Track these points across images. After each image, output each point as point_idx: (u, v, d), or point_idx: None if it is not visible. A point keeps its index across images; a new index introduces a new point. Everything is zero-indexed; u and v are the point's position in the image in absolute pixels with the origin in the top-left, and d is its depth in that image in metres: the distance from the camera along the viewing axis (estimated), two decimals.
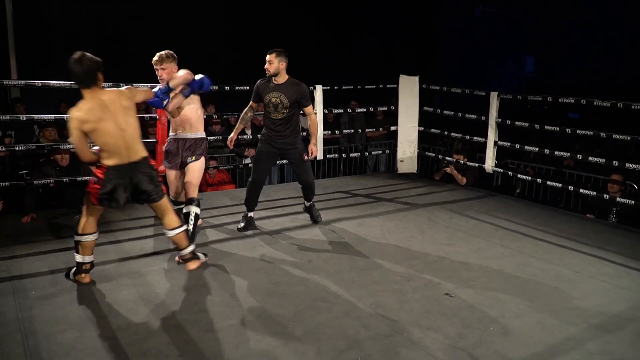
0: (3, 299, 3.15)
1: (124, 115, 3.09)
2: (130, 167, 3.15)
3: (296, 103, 4.30)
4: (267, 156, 4.46)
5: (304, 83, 4.37)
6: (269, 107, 4.32)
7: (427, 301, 3.25)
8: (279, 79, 4.28)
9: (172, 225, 3.44)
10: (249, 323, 2.95)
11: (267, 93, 4.30)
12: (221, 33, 9.53)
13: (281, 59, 4.23)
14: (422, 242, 4.33)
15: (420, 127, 6.70)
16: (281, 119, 4.31)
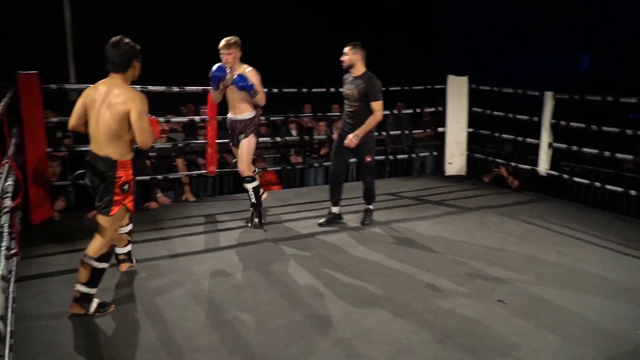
0: (65, 291, 3.27)
1: (106, 110, 2.84)
2: (94, 156, 2.92)
3: (365, 97, 4.28)
4: (342, 149, 4.48)
5: (378, 79, 4.33)
6: (346, 98, 4.42)
7: (479, 307, 3.18)
8: (355, 71, 4.35)
9: (88, 250, 2.98)
10: (298, 323, 2.97)
11: (345, 84, 4.43)
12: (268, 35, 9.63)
13: (355, 52, 4.31)
14: (472, 246, 4.25)
15: (470, 128, 6.57)
16: (352, 111, 4.37)
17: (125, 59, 2.89)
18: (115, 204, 2.92)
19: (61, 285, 3.41)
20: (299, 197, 5.74)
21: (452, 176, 6.61)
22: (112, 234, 3.00)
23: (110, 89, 2.87)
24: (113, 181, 2.90)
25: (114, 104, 2.82)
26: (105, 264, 2.99)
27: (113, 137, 2.86)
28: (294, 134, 7.05)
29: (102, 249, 2.95)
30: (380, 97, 4.32)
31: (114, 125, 2.84)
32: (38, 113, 4.43)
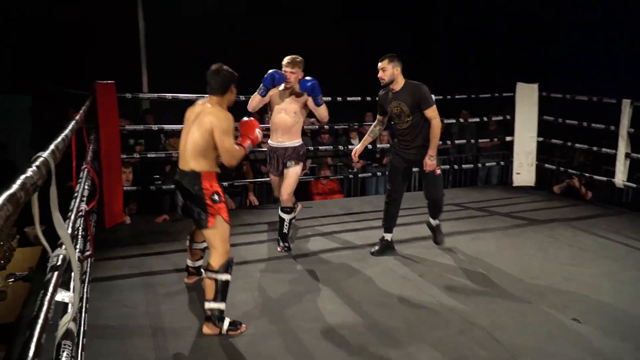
0: (135, 294, 3.42)
1: (195, 127, 2.91)
2: (181, 172, 2.99)
3: (417, 108, 3.86)
4: (399, 169, 4.10)
5: (423, 84, 3.89)
6: (393, 118, 4.03)
7: (551, 326, 3.03)
8: (396, 85, 3.90)
9: (208, 265, 2.96)
10: (361, 334, 2.93)
11: (388, 104, 3.98)
12: (334, 44, 9.68)
13: (395, 64, 3.85)
14: (543, 261, 4.06)
15: (539, 138, 6.30)
16: (407, 127, 3.95)
17: (224, 83, 2.97)
18: (210, 215, 2.90)
19: (132, 287, 3.54)
20: (361, 206, 5.71)
21: (519, 187, 6.37)
22: (222, 243, 2.95)
23: (204, 108, 2.96)
24: (201, 193, 2.90)
25: (202, 121, 2.88)
26: (227, 275, 2.94)
27: (198, 153, 2.89)
28: (355, 142, 7.02)
29: (220, 260, 2.93)
30: (432, 101, 3.88)
31: (200, 141, 2.87)
32: (114, 121, 4.66)
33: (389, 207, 4.17)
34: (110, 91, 4.61)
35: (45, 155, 1.51)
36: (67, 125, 2.29)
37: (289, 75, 3.99)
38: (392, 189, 4.14)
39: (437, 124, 3.85)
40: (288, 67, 3.99)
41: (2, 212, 0.91)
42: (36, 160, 1.42)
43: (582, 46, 9.00)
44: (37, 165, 1.36)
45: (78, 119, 2.84)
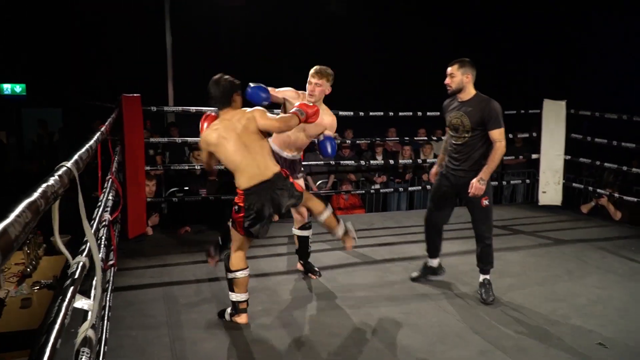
0: (155, 304, 3.44)
1: (246, 134, 2.89)
2: (266, 185, 2.90)
3: (481, 126, 3.39)
4: (443, 192, 3.65)
5: (495, 100, 3.44)
6: (450, 129, 3.56)
7: (576, 350, 2.93)
8: (464, 95, 3.46)
9: (319, 210, 3.17)
10: (380, 351, 2.89)
11: (449, 112, 3.56)
12: (360, 58, 9.73)
13: (465, 71, 3.42)
14: (569, 282, 3.95)
15: (567, 156, 6.19)
16: (461, 144, 3.48)
17: (225, 93, 2.94)
18: (297, 185, 3.09)
19: (153, 297, 3.56)
20: (383, 222, 5.67)
21: (545, 206, 6.25)
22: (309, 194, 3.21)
23: (231, 117, 2.93)
24: (289, 181, 3.02)
25: (245, 124, 2.89)
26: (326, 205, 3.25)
27: (268, 151, 2.98)
28: (379, 158, 7.01)
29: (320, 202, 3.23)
30: (502, 124, 3.39)
31: (259, 139, 2.92)
32: (139, 133, 4.74)
33: (428, 231, 3.85)
34: (136, 104, 4.70)
35: (69, 164, 1.54)
36: (92, 137, 2.33)
37: (313, 87, 3.53)
38: (431, 212, 3.77)
39: (502, 149, 3.37)
40: (314, 78, 3.53)
41: (21, 219, 0.92)
42: (59, 170, 1.45)
43: (612, 63, 8.86)
44: (60, 174, 1.39)
45: (103, 130, 2.89)
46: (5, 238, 0.81)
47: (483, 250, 3.61)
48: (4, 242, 0.79)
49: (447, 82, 3.49)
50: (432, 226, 3.80)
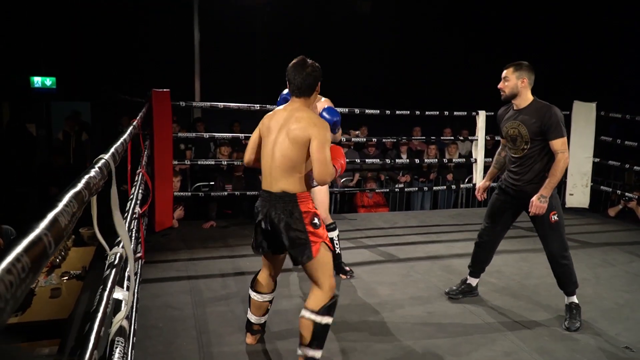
0: (182, 296, 3.50)
1: (284, 138, 2.45)
2: (268, 195, 2.48)
3: (540, 136, 3.09)
4: (501, 207, 3.40)
5: (555, 107, 3.13)
6: (507, 140, 3.29)
7: (601, 353, 2.89)
8: (520, 101, 3.18)
9: (307, 304, 2.50)
10: (404, 349, 2.89)
11: (505, 122, 3.29)
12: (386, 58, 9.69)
13: (521, 75, 3.14)
14: (595, 285, 3.90)
15: (596, 159, 6.08)
16: (521, 157, 3.20)
17: (312, 82, 2.49)
18: (313, 244, 2.42)
19: (179, 290, 3.62)
20: (406, 220, 5.65)
21: (572, 208, 6.16)
22: (329, 278, 2.49)
23: (291, 114, 2.47)
24: (300, 218, 2.42)
25: (293, 129, 2.41)
26: (329, 318, 2.47)
27: (289, 169, 2.43)
28: (404, 157, 6.98)
29: (324, 299, 2.46)
30: (564, 132, 3.09)
31: (292, 154, 2.41)
32: (167, 128, 4.81)
33: (479, 249, 3.56)
34: (165, 99, 4.77)
35: (106, 157, 1.58)
36: (126, 130, 2.38)
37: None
38: (486, 229, 3.49)
39: (565, 161, 3.04)
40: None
41: (69, 208, 0.96)
42: (98, 162, 1.49)
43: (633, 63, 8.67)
44: (99, 166, 1.43)
45: (135, 124, 2.95)
46: (57, 226, 0.85)
47: (561, 270, 3.26)
48: (55, 231, 0.82)
49: (501, 86, 3.21)
50: (485, 243, 3.52)
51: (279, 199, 2.43)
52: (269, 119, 2.55)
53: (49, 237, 0.78)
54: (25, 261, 0.66)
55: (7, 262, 0.63)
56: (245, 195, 5.36)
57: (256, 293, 2.78)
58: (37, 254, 0.72)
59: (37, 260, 0.71)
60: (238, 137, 5.84)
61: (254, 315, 2.83)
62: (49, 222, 0.83)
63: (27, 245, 0.70)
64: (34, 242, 0.73)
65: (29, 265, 0.67)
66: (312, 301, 2.47)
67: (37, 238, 0.74)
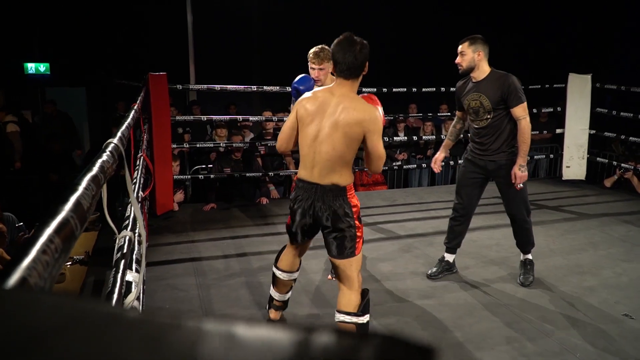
0: (186, 278, 3.54)
1: (334, 130, 2.25)
2: (314, 187, 2.33)
3: (502, 103, 3.18)
4: (470, 178, 3.45)
5: (512, 74, 3.21)
6: (469, 113, 3.35)
7: (602, 321, 2.96)
8: (478, 74, 3.24)
9: (342, 306, 2.40)
10: (408, 324, 2.95)
11: (465, 96, 3.33)
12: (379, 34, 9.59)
13: (477, 48, 3.19)
14: (594, 255, 3.97)
15: (592, 130, 6.12)
16: (485, 127, 3.27)
17: (363, 60, 2.28)
18: (358, 239, 2.36)
19: (183, 271, 3.67)
20: (405, 198, 5.70)
21: (569, 180, 6.21)
22: (359, 275, 2.42)
23: (339, 101, 2.26)
24: (350, 212, 2.32)
25: (348, 123, 2.22)
26: (368, 315, 2.39)
27: (341, 162, 2.28)
28: (401, 135, 7.00)
29: (357, 299, 2.37)
30: (524, 97, 3.18)
31: (344, 149, 2.25)
32: (165, 111, 4.80)
33: (454, 224, 3.58)
34: (163, 83, 4.75)
35: (115, 141, 1.60)
36: (129, 115, 2.39)
37: (317, 72, 3.21)
38: (460, 203, 3.52)
39: (527, 126, 3.16)
40: (315, 63, 3.20)
41: (89, 191, 0.98)
42: (108, 146, 1.51)
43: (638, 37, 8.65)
44: (110, 150, 1.45)
45: (136, 108, 2.95)
46: (80, 209, 0.87)
47: (522, 233, 3.44)
48: (80, 213, 0.85)
49: (458, 61, 3.25)
50: (460, 217, 3.54)
51: (329, 192, 2.30)
52: (311, 102, 2.32)
53: (75, 220, 0.80)
54: (57, 242, 0.69)
55: (41, 243, 0.66)
56: (244, 177, 5.37)
57: (282, 272, 2.69)
58: (67, 235, 0.74)
59: (67, 241, 0.73)
60: (235, 119, 5.83)
61: (278, 292, 2.75)
62: (72, 204, 0.85)
63: (57, 227, 0.73)
64: (63, 223, 0.75)
65: (61, 246, 0.70)
66: (347, 303, 2.35)
67: (65, 220, 0.77)
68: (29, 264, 0.59)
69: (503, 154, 3.27)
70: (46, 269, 0.63)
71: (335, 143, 2.25)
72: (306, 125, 2.31)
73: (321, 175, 2.30)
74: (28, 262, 0.60)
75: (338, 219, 2.31)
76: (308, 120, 2.30)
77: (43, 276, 0.61)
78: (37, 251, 0.64)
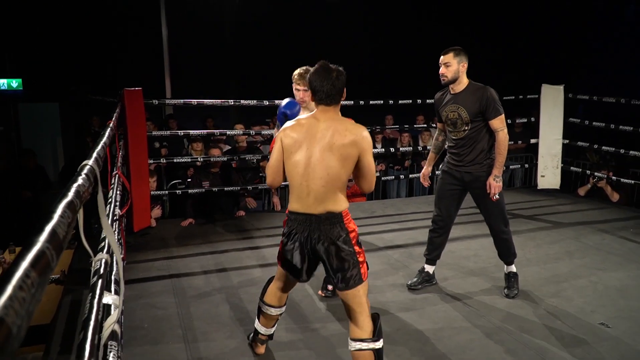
0: (165, 296, 3.49)
1: (327, 154, 2.22)
2: (309, 218, 2.27)
3: (480, 115, 3.22)
4: (447, 190, 3.47)
5: (490, 87, 3.25)
6: (447, 124, 3.37)
7: (579, 330, 3.01)
8: (457, 86, 3.27)
9: (356, 334, 2.31)
10: (388, 336, 2.94)
11: (443, 107, 3.36)
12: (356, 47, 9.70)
13: (461, 59, 3.23)
14: (570, 264, 4.03)
15: (565, 140, 6.25)
16: (462, 138, 3.30)
17: (340, 87, 2.31)
18: (362, 264, 2.31)
19: (162, 289, 3.61)
20: (383, 209, 5.73)
21: (544, 190, 6.33)
22: (367, 300, 2.36)
23: (329, 125, 2.25)
24: (349, 238, 2.27)
25: (343, 144, 2.20)
26: (382, 340, 2.33)
27: (336, 188, 2.24)
28: (378, 146, 7.05)
29: (370, 324, 2.30)
30: (502, 111, 3.21)
31: (340, 172, 2.22)
32: (141, 127, 4.76)
33: (434, 236, 3.59)
34: (138, 98, 4.71)
35: (91, 163, 1.58)
36: (104, 133, 2.36)
37: (302, 94, 3.20)
38: (438, 215, 3.52)
39: (505, 138, 3.20)
40: (299, 85, 3.19)
41: (64, 219, 0.97)
42: (84, 169, 1.49)
43: (609, 47, 8.90)
44: (86, 173, 1.43)
45: (112, 126, 2.92)
46: (56, 238, 0.86)
47: (502, 244, 3.46)
48: (55, 243, 0.83)
49: (443, 71, 3.25)
50: (439, 229, 3.56)
51: (324, 221, 2.24)
52: (296, 130, 2.29)
53: (50, 250, 0.79)
54: (33, 276, 0.68)
55: (17, 278, 0.65)
56: (222, 191, 5.34)
57: (268, 306, 2.61)
58: (43, 267, 0.73)
59: (43, 274, 0.72)
60: (213, 132, 5.81)
61: (264, 326, 2.68)
62: (48, 234, 0.84)
63: (33, 260, 0.72)
64: (39, 256, 0.74)
65: (37, 280, 0.69)
66: (361, 329, 2.29)
67: (41, 252, 0.76)
68: (5, 303, 0.58)
69: (479, 165, 3.30)
70: (23, 305, 0.61)
71: (329, 166, 2.21)
72: (293, 153, 2.27)
73: (316, 203, 2.24)
74: (4, 300, 0.58)
75: (337, 248, 2.25)
76: (295, 147, 2.27)
77: (20, 314, 0.60)
78: (14, 288, 0.62)
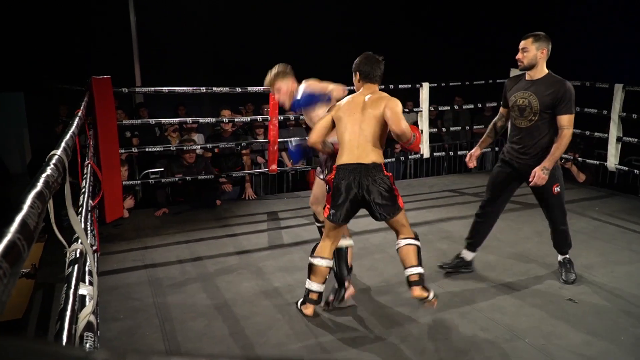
0: (140, 287, 3.47)
1: (370, 117, 2.84)
2: (359, 167, 2.82)
3: (550, 109, 3.12)
4: (504, 179, 3.39)
5: (569, 82, 3.15)
6: (513, 110, 3.26)
7: (548, 306, 3.11)
8: (535, 72, 3.18)
9: (404, 235, 2.93)
10: (365, 318, 3.01)
11: (513, 92, 3.27)
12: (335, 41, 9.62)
13: (540, 45, 3.13)
14: (538, 244, 4.15)
15: None
16: (527, 128, 3.21)
17: (383, 70, 2.99)
18: (398, 196, 2.89)
19: (137, 280, 3.59)
20: None
21: None
22: (407, 219, 2.97)
23: (371, 97, 2.89)
24: (388, 180, 2.84)
25: (378, 109, 2.83)
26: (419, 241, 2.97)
27: (377, 143, 2.86)
28: None
29: (413, 232, 2.95)
30: (574, 110, 3.13)
31: (378, 130, 2.84)
32: (111, 116, 4.68)
33: (479, 222, 3.55)
34: (107, 86, 4.62)
35: (59, 153, 1.56)
36: (73, 122, 2.32)
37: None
38: (488, 201, 3.48)
39: (569, 137, 3.12)
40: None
41: (34, 209, 0.96)
42: (52, 159, 1.47)
43: (575, 31, 9.05)
44: (54, 163, 1.41)
45: (81, 115, 2.87)
46: (27, 229, 0.85)
47: (560, 235, 3.45)
48: (26, 233, 0.83)
49: (519, 57, 3.18)
50: (487, 214, 3.50)
51: (372, 169, 2.81)
52: (347, 103, 2.93)
53: (22, 241, 0.78)
54: (5, 267, 0.68)
55: None
56: (196, 180, 5.30)
57: (320, 258, 2.97)
58: (14, 258, 0.73)
59: (15, 265, 0.72)
60: (185, 120, 5.74)
61: (316, 282, 2.99)
62: (18, 225, 0.83)
63: (4, 251, 0.71)
64: (10, 246, 0.74)
65: (9, 270, 0.68)
66: (406, 233, 2.92)
67: (12, 242, 0.75)
68: None
69: (541, 158, 3.17)
70: None
71: (374, 127, 2.84)
72: (345, 118, 2.88)
73: (364, 155, 2.81)
74: None
75: (384, 189, 2.81)
76: (346, 115, 2.88)
77: None
78: None
